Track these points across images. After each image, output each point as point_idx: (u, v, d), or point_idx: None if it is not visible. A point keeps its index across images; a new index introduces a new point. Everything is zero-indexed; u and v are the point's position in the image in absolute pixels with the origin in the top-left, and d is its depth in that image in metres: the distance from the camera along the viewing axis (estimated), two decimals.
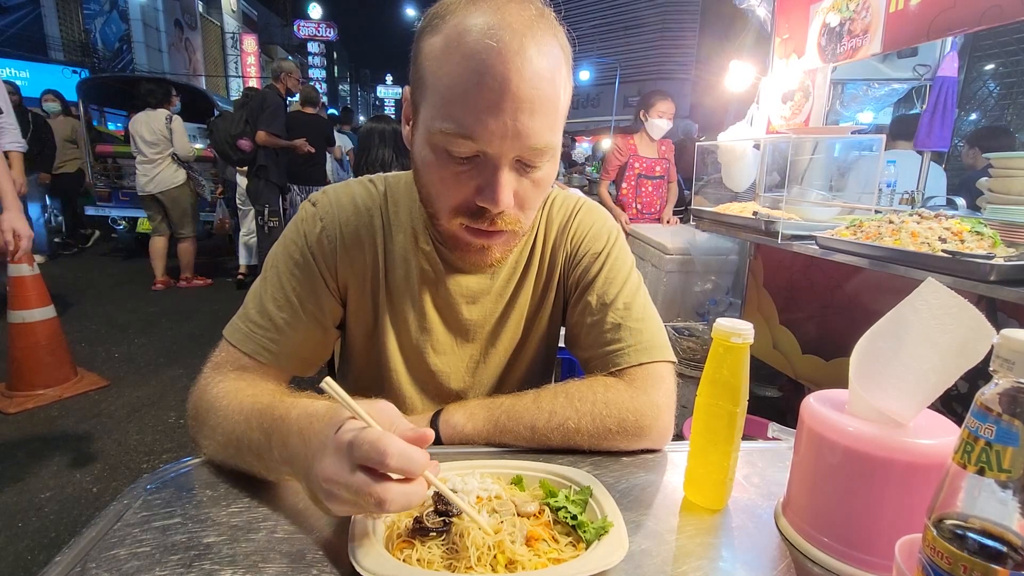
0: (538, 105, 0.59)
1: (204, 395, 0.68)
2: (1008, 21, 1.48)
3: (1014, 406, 0.35)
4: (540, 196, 0.68)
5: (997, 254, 1.24)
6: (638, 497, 0.63)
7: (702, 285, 2.98)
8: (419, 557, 0.49)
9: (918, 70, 2.83)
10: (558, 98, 0.62)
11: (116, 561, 0.49)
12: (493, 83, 0.57)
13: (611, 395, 0.71)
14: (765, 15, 2.72)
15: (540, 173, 0.65)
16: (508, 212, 0.64)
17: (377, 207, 0.80)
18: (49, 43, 12.93)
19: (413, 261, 0.79)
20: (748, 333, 0.56)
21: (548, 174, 0.67)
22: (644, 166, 3.67)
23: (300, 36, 20.10)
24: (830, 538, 0.53)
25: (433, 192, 0.66)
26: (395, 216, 0.80)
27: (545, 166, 0.65)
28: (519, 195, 0.65)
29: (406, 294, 0.80)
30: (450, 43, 0.59)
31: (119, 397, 2.76)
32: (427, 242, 0.79)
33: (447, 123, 0.59)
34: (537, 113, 0.59)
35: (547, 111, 0.60)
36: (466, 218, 0.66)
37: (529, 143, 0.60)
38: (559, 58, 0.61)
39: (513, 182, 0.63)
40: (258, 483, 0.62)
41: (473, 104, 0.58)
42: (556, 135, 0.64)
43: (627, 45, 22.72)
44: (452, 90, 0.59)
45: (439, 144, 0.62)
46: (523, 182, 0.65)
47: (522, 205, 0.66)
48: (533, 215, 0.71)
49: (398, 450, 0.45)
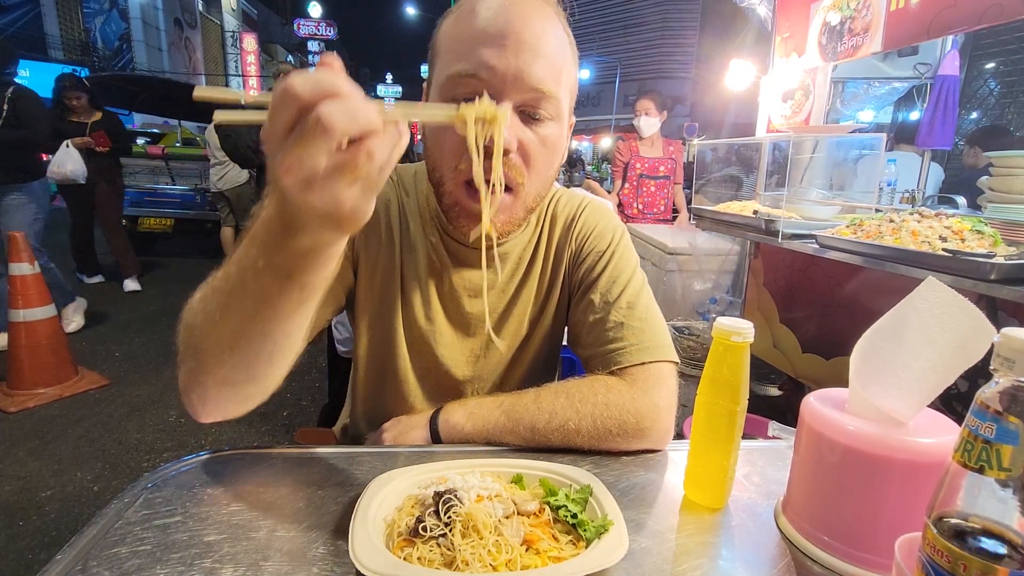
0: (540, 52, 0.63)
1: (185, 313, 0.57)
2: (1009, 20, 1.48)
3: (1014, 405, 0.35)
4: (545, 160, 0.69)
5: (998, 253, 1.23)
6: (638, 496, 0.63)
7: (702, 284, 2.98)
8: (419, 556, 0.49)
9: (919, 69, 2.82)
10: (559, 56, 0.66)
11: (117, 559, 0.49)
12: (497, 24, 0.63)
13: (612, 396, 0.71)
14: (765, 13, 2.71)
15: (546, 131, 0.67)
16: (512, 160, 0.65)
17: (394, 193, 0.82)
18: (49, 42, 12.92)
19: (422, 251, 0.81)
20: (748, 332, 0.56)
21: (553, 136, 0.69)
22: (646, 166, 3.66)
23: (300, 35, 20.09)
24: (830, 537, 0.53)
25: (439, 151, 0.68)
26: (408, 206, 0.82)
27: (550, 124, 0.67)
28: (523, 145, 0.66)
29: (415, 281, 0.81)
30: (462, 12, 0.66)
31: (120, 396, 2.76)
32: (434, 233, 0.80)
33: (455, 66, 0.64)
34: (539, 58, 0.63)
35: (550, 61, 0.64)
36: (467, 166, 0.64)
37: (531, 83, 0.63)
38: (561, 31, 0.67)
39: (517, 127, 0.65)
40: (259, 482, 0.62)
41: (478, 44, 0.63)
42: (559, 89, 0.66)
43: (627, 44, 22.70)
44: (460, 38, 0.65)
45: (447, 94, 0.65)
46: (527, 133, 0.66)
47: (527, 159, 0.67)
48: (537, 185, 0.70)
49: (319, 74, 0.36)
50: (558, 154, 0.72)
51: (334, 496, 0.60)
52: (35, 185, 3.24)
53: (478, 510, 0.52)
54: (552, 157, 0.70)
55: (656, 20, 21.79)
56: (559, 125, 0.69)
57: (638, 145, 3.67)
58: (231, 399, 0.58)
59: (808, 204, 2.17)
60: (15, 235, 2.71)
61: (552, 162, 0.71)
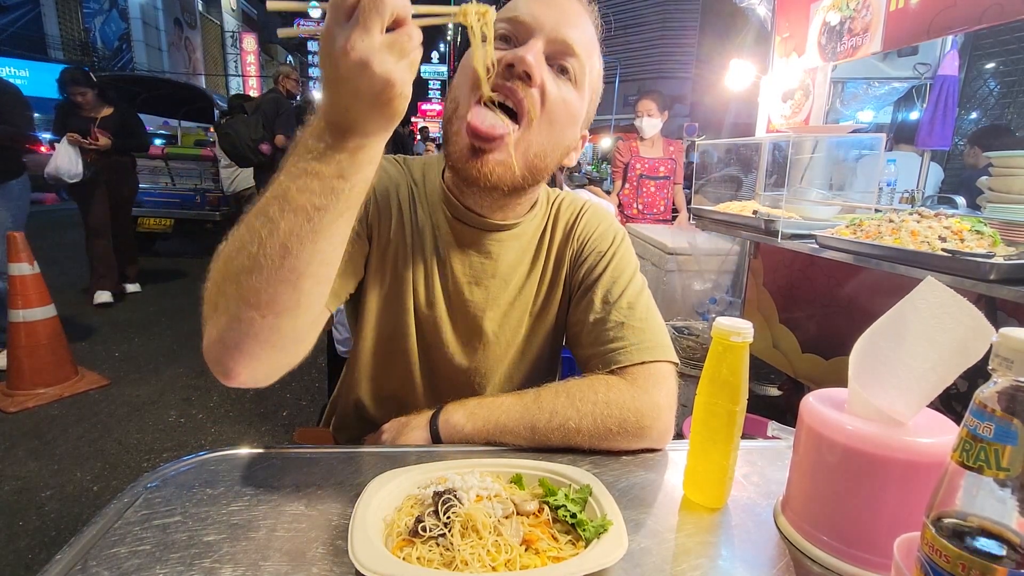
0: (575, 23, 0.70)
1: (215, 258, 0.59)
2: (1009, 20, 1.48)
3: (1013, 405, 0.35)
4: (561, 113, 0.71)
5: (997, 253, 1.24)
6: (637, 496, 0.63)
7: (702, 284, 2.98)
8: (419, 556, 0.49)
9: (918, 69, 2.83)
10: (591, 42, 0.72)
11: (117, 559, 0.49)
12: None
13: (612, 395, 0.72)
14: (765, 14, 2.71)
15: (567, 89, 0.70)
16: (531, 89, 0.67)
17: (404, 179, 0.84)
18: (49, 42, 12.92)
19: (429, 236, 0.82)
20: (748, 332, 0.57)
21: (574, 101, 0.72)
22: (646, 166, 3.66)
23: (300, 35, 20.08)
24: (829, 536, 0.53)
25: (463, 79, 0.69)
26: (419, 192, 0.84)
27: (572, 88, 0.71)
28: (545, 86, 0.68)
29: (421, 267, 0.82)
30: None
31: (119, 396, 2.76)
32: (441, 219, 0.82)
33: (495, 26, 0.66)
34: (573, 25, 0.70)
35: (582, 31, 0.71)
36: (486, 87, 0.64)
37: (562, 36, 0.68)
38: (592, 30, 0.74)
39: (543, 65, 0.68)
40: (259, 481, 0.62)
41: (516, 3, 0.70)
42: (586, 59, 0.71)
43: (627, 44, 22.70)
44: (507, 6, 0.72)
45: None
46: (550, 79, 0.69)
47: (545, 98, 0.69)
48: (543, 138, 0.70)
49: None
50: (573, 122, 0.74)
51: (334, 496, 0.60)
52: (13, 185, 3.02)
53: (477, 510, 0.52)
54: (566, 120, 0.72)
55: (656, 20, 21.79)
56: (579, 95, 0.72)
57: (638, 145, 3.67)
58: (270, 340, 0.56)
59: (808, 204, 2.17)
60: (14, 235, 2.71)
61: (564, 126, 0.72)
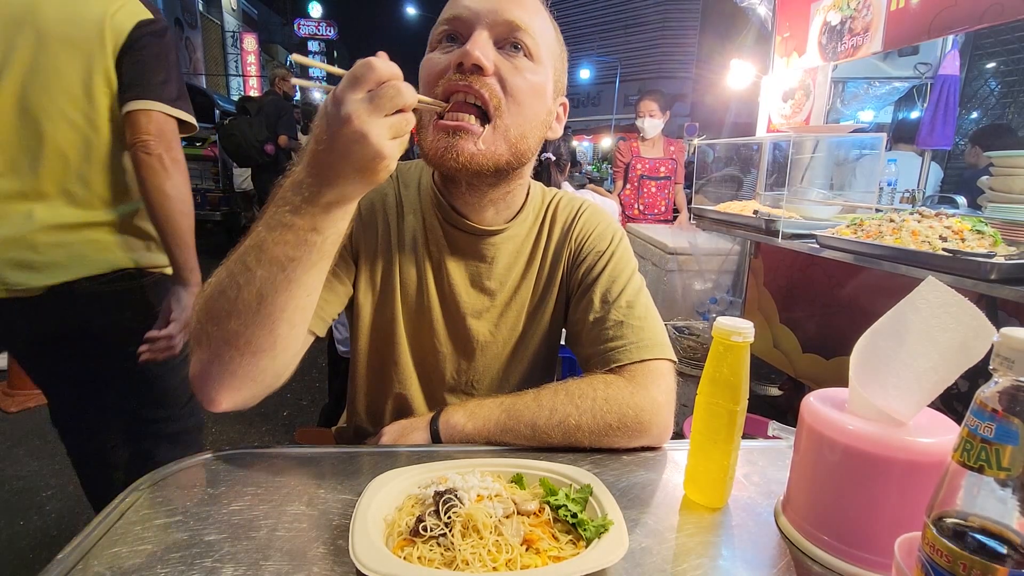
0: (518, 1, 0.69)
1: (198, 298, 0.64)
2: (1009, 19, 1.48)
3: (1014, 404, 0.35)
4: (527, 91, 0.69)
5: (998, 253, 1.23)
6: (638, 495, 0.63)
7: (703, 284, 2.98)
8: (419, 555, 0.49)
9: (919, 68, 2.82)
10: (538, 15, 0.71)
11: (118, 558, 0.49)
12: None
13: (611, 392, 0.72)
14: (766, 13, 2.71)
15: (524, 65, 0.69)
16: (488, 79, 0.66)
17: (391, 187, 0.83)
18: None
19: (420, 240, 0.81)
20: (748, 332, 0.56)
21: (536, 77, 0.70)
22: (647, 167, 3.66)
23: (300, 35, 20.09)
24: (830, 536, 0.53)
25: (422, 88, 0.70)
26: (407, 197, 0.83)
27: (529, 63, 0.70)
28: (500, 71, 0.68)
29: (413, 272, 0.82)
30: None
31: None
32: (434, 223, 0.81)
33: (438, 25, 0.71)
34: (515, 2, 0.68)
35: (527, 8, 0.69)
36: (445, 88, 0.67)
37: (505, 16, 0.67)
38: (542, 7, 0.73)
39: (491, 50, 0.67)
40: (259, 481, 0.62)
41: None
42: (536, 31, 0.70)
43: (627, 44, 22.69)
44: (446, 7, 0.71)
45: (433, 45, 0.71)
46: (504, 62, 0.68)
47: (504, 84, 0.68)
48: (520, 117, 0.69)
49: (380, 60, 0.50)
50: (541, 94, 0.72)
51: (334, 496, 0.60)
52: None
53: (478, 510, 0.52)
54: (533, 96, 0.70)
55: (656, 20, 21.79)
56: (540, 69, 0.71)
57: (639, 146, 3.67)
58: (249, 375, 0.60)
59: (808, 204, 2.17)
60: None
61: (534, 104, 0.71)
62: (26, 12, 1.03)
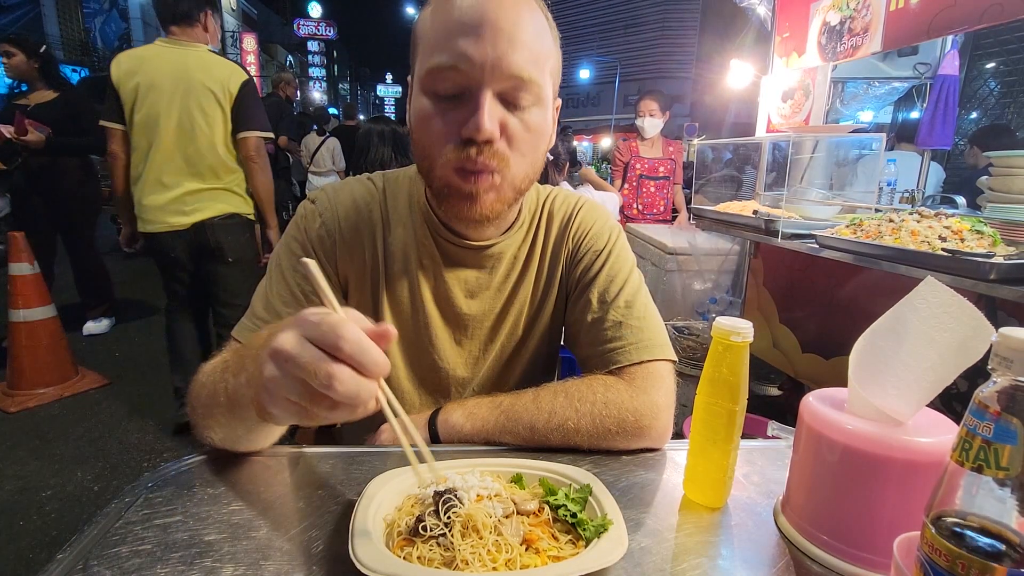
0: (518, 37, 0.62)
1: (197, 378, 0.68)
2: (1009, 19, 1.48)
3: (1012, 404, 0.35)
4: (531, 144, 0.68)
5: (997, 253, 1.24)
6: (638, 495, 0.63)
7: (702, 284, 2.98)
8: (419, 555, 0.49)
9: (919, 68, 2.82)
10: (539, 41, 0.65)
11: (117, 559, 0.49)
12: (473, 15, 0.61)
13: (611, 395, 0.71)
14: (765, 13, 2.71)
15: (530, 116, 0.66)
16: (496, 146, 0.65)
17: (376, 202, 0.81)
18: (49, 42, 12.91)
19: (412, 254, 0.79)
20: (748, 332, 0.56)
21: (538, 121, 0.68)
22: (646, 167, 3.66)
23: (300, 35, 20.09)
24: (829, 536, 0.53)
25: (426, 141, 0.67)
26: (394, 210, 0.81)
27: (532, 110, 0.67)
28: (508, 130, 0.66)
29: (405, 287, 0.80)
30: (438, 4, 0.65)
31: (120, 396, 2.76)
32: (426, 235, 0.79)
33: (433, 59, 0.63)
34: (517, 44, 0.62)
35: (528, 46, 0.63)
36: (455, 155, 0.65)
37: (510, 71, 0.62)
38: (540, 16, 0.66)
39: (499, 113, 0.64)
40: (259, 481, 0.62)
41: (455, 36, 0.62)
42: (539, 74, 0.65)
43: (627, 43, 22.69)
44: (437, 31, 0.64)
45: (428, 87, 0.65)
46: (510, 119, 0.66)
47: (511, 142, 0.66)
48: (525, 167, 0.69)
49: (355, 337, 0.43)
50: (543, 137, 0.71)
51: (334, 496, 0.60)
52: None
53: (478, 510, 0.52)
54: (537, 141, 0.69)
55: (656, 20, 21.79)
56: (542, 110, 0.68)
57: (638, 145, 3.67)
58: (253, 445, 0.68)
59: (808, 204, 2.17)
60: (15, 235, 2.71)
61: (537, 145, 0.70)
62: (183, 74, 2.01)
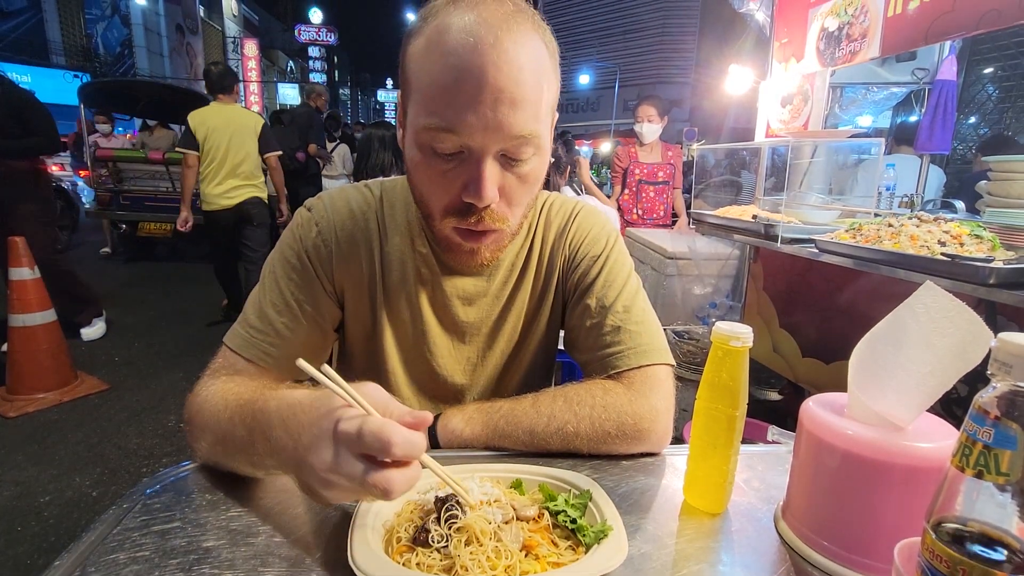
0: (518, 95, 0.59)
1: (196, 399, 0.68)
2: (1006, 25, 1.48)
3: (1012, 409, 0.35)
4: (528, 192, 0.68)
5: (996, 257, 1.24)
6: (638, 501, 0.63)
7: (702, 288, 2.98)
8: (419, 561, 0.49)
9: (917, 74, 2.84)
10: (540, 89, 0.62)
11: (115, 565, 0.49)
12: (471, 77, 0.58)
13: (610, 399, 0.71)
14: (764, 19, 2.73)
15: (526, 168, 0.65)
16: (495, 209, 0.65)
17: (373, 211, 0.80)
18: (51, 48, 12.97)
19: (409, 263, 0.79)
20: (748, 336, 0.56)
21: (535, 169, 0.67)
22: (645, 172, 3.67)
23: (301, 40, 20.20)
24: (829, 542, 0.53)
25: (424, 192, 0.67)
26: (391, 219, 0.80)
27: (531, 160, 0.65)
28: (505, 190, 0.65)
29: (402, 296, 0.80)
30: (430, 43, 0.61)
31: (119, 401, 2.76)
32: (423, 244, 0.79)
33: (430, 119, 0.61)
34: (517, 103, 0.60)
35: (528, 101, 0.60)
36: (455, 218, 0.66)
37: (512, 133, 0.60)
38: (539, 50, 0.62)
39: (498, 176, 0.63)
40: (257, 487, 0.62)
41: (453, 99, 0.59)
42: (540, 125, 0.63)
43: (626, 48, 22.79)
44: (433, 87, 0.60)
45: (425, 142, 0.63)
46: (509, 177, 0.65)
47: (509, 200, 0.66)
48: (522, 213, 0.70)
49: (402, 438, 0.44)
50: (540, 180, 0.70)
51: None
52: None
53: (477, 516, 0.51)
54: (535, 187, 0.69)
55: (655, 25, 21.90)
56: (540, 155, 0.67)
57: (637, 151, 3.68)
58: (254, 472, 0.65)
59: (807, 208, 2.18)
60: (15, 240, 2.71)
61: (534, 189, 0.69)
62: (230, 122, 3.49)
